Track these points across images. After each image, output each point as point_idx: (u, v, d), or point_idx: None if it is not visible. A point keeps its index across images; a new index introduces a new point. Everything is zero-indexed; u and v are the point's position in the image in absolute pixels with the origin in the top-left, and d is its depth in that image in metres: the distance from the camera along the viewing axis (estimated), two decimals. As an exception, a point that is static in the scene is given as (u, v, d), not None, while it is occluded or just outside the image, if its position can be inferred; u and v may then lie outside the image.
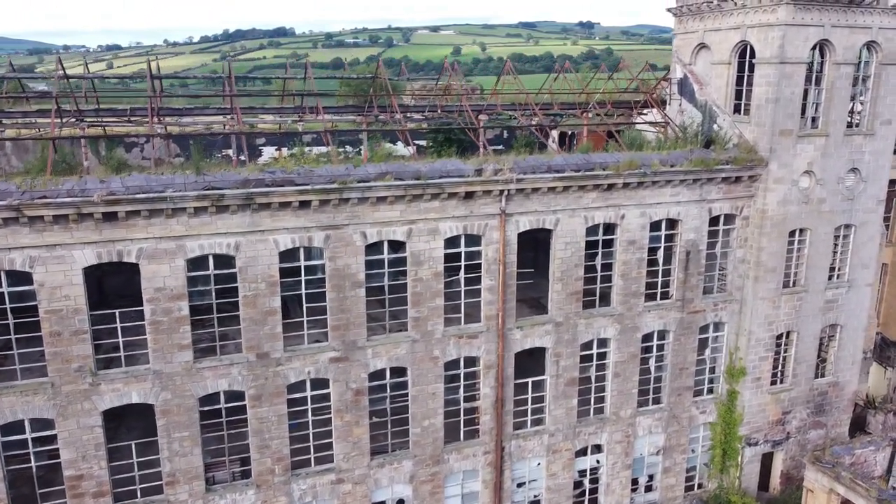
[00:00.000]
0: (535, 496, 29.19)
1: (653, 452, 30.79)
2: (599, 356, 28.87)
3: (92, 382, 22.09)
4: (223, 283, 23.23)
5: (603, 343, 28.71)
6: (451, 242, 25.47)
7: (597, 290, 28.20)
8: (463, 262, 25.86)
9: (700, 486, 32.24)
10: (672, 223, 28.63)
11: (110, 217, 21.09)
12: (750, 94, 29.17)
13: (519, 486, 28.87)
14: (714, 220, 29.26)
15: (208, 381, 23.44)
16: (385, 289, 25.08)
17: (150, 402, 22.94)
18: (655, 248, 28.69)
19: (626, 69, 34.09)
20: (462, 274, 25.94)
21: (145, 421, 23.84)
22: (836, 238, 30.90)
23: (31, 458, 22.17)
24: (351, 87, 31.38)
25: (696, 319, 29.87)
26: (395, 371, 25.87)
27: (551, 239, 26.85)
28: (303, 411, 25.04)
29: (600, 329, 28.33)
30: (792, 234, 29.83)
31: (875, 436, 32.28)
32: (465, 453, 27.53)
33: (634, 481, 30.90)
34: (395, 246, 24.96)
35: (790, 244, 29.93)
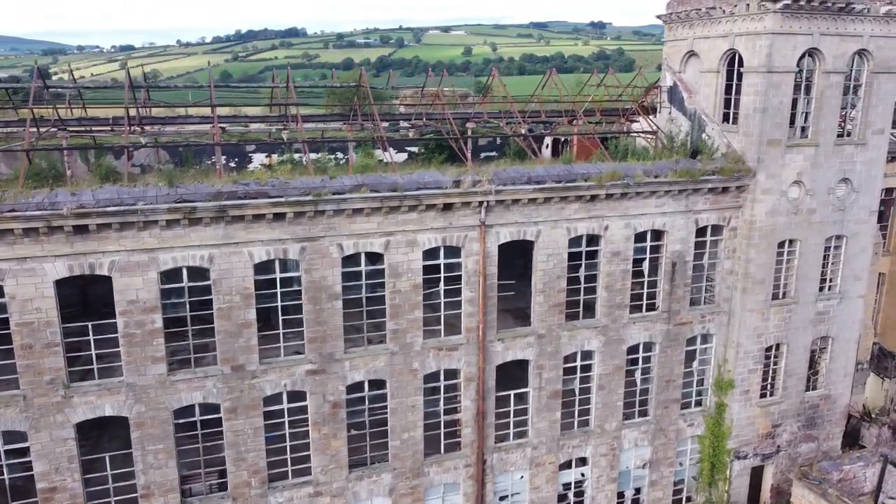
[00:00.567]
0: (518, 509, 28.90)
1: (639, 466, 30.41)
2: (584, 368, 28.52)
3: (64, 395, 22.02)
4: (197, 296, 23.10)
5: (587, 355, 28.36)
6: (431, 254, 25.22)
7: (580, 301, 27.86)
8: (443, 274, 25.60)
9: (688, 499, 31.83)
10: (658, 234, 28.24)
11: (81, 230, 21.00)
12: (738, 103, 28.73)
13: (501, 499, 28.59)
14: (701, 231, 28.84)
15: (183, 393, 23.31)
16: (363, 301, 24.88)
17: (124, 414, 22.83)
18: (641, 260, 28.32)
19: (614, 76, 33.67)
20: (442, 286, 25.68)
21: (128, 431, 23.69)
22: (827, 249, 30.38)
23: (4, 470, 22.14)
24: (336, 96, 31.17)
25: (683, 331, 29.45)
26: (373, 383, 25.65)
27: (533, 250, 26.53)
28: (279, 424, 24.87)
29: (584, 341, 27.99)
30: (781, 245, 29.35)
31: (869, 449, 31.75)
32: (446, 466, 27.27)
33: (620, 494, 30.52)
34: (372, 258, 24.74)
35: (779, 255, 29.46)
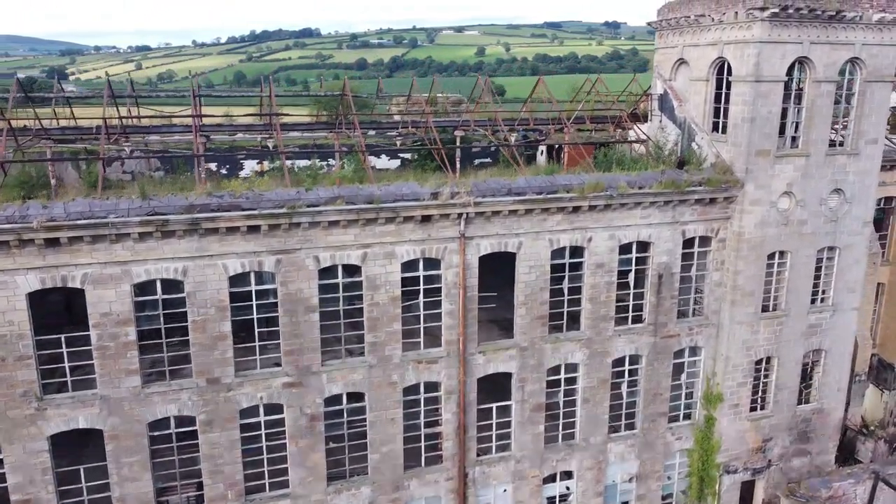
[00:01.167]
0: (501, 523, 28.59)
1: (626, 479, 29.99)
2: (568, 381, 28.16)
3: (38, 407, 21.99)
4: (172, 308, 22.99)
5: (571, 368, 27.99)
6: (409, 266, 24.98)
7: (564, 313, 27.49)
8: (422, 286, 25.35)
9: (677, 513, 31.39)
10: (643, 246, 27.80)
11: (53, 242, 20.94)
12: (728, 112, 28.24)
13: (484, 512, 28.29)
14: (688, 243, 28.36)
15: (157, 406, 23.23)
16: (340, 313, 24.68)
17: (98, 427, 22.78)
18: (626, 272, 27.90)
19: (603, 84, 33.27)
20: (421, 298, 25.43)
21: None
22: (820, 261, 29.78)
23: (-22, 482, 22.17)
24: (322, 104, 31.03)
25: (671, 344, 29.00)
26: (352, 396, 25.45)
27: (515, 262, 26.20)
28: (256, 436, 24.73)
29: (568, 354, 27.62)
30: (771, 256, 28.82)
31: (861, 466, 31.14)
32: (427, 479, 27.01)
33: (607, 508, 30.14)
34: (350, 270, 24.53)
35: (769, 267, 28.92)
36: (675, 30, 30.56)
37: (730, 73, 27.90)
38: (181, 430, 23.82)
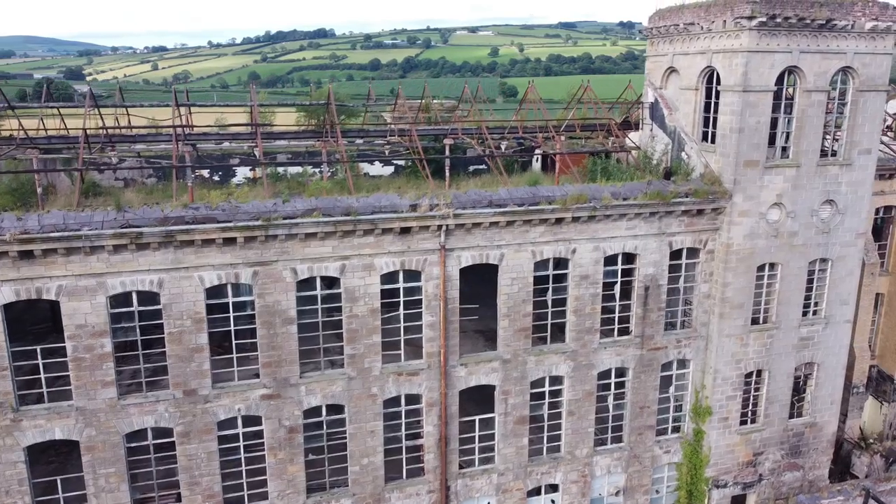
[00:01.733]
0: (485, 536, 28.35)
1: (612, 493, 29.64)
2: (552, 394, 27.88)
3: (13, 418, 22.02)
4: (148, 320, 22.95)
5: (556, 380, 27.69)
6: (389, 278, 24.78)
7: (548, 326, 27.19)
8: (402, 298, 25.15)
9: (666, 527, 30.98)
10: (629, 257, 27.45)
11: (27, 255, 20.95)
12: (717, 122, 27.80)
13: (467, 525, 28.04)
14: (676, 254, 27.96)
15: (134, 417, 23.20)
16: (319, 325, 24.53)
17: (74, 438, 22.79)
18: (612, 283, 27.54)
19: (592, 92, 32.90)
20: (402, 310, 25.23)
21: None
22: (811, 273, 29.27)
23: (-45, 492, 22.24)
24: (308, 113, 30.92)
25: (658, 356, 28.61)
26: (331, 408, 25.30)
27: (497, 274, 25.94)
28: (235, 448, 24.65)
29: (552, 366, 27.32)
30: (761, 268, 28.35)
31: (855, 481, 30.57)
32: (408, 492, 26.82)
33: (593, 522, 29.81)
34: (328, 282, 24.39)
35: (759, 279, 28.45)
36: (666, 38, 30.16)
37: (719, 82, 27.46)
38: (158, 441, 23.78)
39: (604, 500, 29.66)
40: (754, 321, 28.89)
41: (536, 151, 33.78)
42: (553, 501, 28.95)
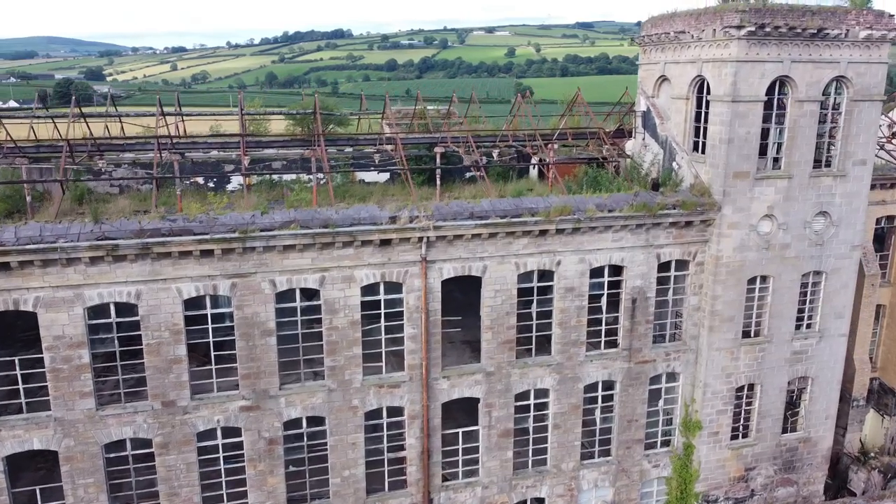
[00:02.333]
0: (469, 549, 28.08)
1: (600, 507, 29.29)
2: (538, 407, 27.57)
3: (-8, 429, 22.14)
4: (126, 331, 22.98)
5: (541, 393, 27.38)
6: (370, 290, 24.62)
7: (533, 338, 26.89)
8: (383, 310, 24.97)
9: (656, 542, 30.56)
10: (616, 269, 27.08)
11: (4, 267, 21.02)
12: (707, 132, 27.36)
13: (451, 538, 27.81)
14: (664, 266, 27.55)
15: (112, 428, 23.22)
16: (299, 337, 24.43)
17: (53, 448, 22.85)
18: (598, 296, 27.19)
19: (582, 103, 32.53)
20: (383, 322, 25.06)
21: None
22: (805, 286, 28.72)
23: (-66, 501, 22.39)
24: (296, 120, 30.84)
25: (646, 369, 28.22)
26: (312, 420, 25.19)
27: (480, 286, 25.69)
28: (214, 459, 24.62)
29: (537, 379, 27.02)
30: (752, 281, 27.86)
31: (848, 499, 29.98)
32: (390, 504, 26.67)
33: (581, 536, 29.46)
34: (308, 293, 24.27)
35: (750, 292, 27.96)
36: (658, 46, 29.74)
37: (709, 91, 27.02)
38: (137, 452, 23.79)
39: (591, 513, 29.31)
40: (745, 334, 28.41)
41: (533, 161, 33.49)
42: (539, 515, 28.65)
